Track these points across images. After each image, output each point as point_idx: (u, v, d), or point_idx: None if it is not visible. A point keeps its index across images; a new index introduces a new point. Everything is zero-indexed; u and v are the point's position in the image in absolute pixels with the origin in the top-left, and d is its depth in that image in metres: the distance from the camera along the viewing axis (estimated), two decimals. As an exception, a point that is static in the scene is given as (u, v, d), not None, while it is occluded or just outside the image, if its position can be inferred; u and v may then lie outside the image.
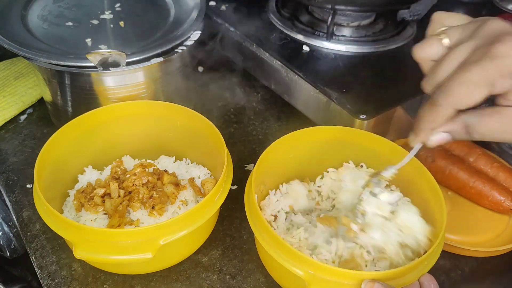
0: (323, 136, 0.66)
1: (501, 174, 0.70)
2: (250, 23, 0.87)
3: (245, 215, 0.70)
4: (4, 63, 0.91)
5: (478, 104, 0.44)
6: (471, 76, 0.43)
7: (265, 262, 0.62)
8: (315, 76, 0.76)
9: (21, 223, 0.69)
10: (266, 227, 0.53)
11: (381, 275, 0.48)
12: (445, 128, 0.47)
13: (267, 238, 0.53)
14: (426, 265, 0.52)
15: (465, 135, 0.47)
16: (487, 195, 0.69)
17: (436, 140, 0.48)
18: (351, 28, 0.84)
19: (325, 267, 0.49)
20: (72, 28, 0.75)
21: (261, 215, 0.54)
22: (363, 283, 0.48)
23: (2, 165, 0.77)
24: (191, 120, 0.68)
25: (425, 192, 0.60)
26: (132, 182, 0.64)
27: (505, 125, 0.45)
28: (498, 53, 0.42)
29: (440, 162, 0.70)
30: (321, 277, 0.49)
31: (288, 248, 0.51)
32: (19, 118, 0.85)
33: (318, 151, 0.67)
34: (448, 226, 0.66)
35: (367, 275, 0.48)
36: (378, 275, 0.48)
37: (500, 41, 0.42)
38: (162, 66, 0.73)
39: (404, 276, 0.50)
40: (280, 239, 0.51)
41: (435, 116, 0.46)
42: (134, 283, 0.61)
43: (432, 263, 0.53)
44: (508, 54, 0.42)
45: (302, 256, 0.50)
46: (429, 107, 0.46)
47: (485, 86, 0.43)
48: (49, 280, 0.61)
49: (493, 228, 0.68)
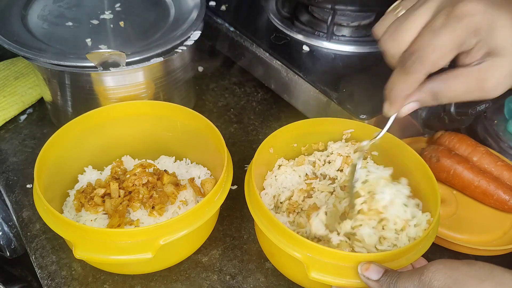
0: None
1: (505, 173, 0.71)
2: (250, 23, 0.88)
3: (245, 215, 0.70)
4: (4, 63, 0.91)
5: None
6: (443, 40, 0.44)
7: (265, 249, 0.62)
8: (315, 76, 0.76)
9: (21, 223, 0.69)
10: (266, 211, 0.54)
11: (376, 257, 0.49)
12: (414, 97, 0.49)
13: (265, 223, 0.54)
14: (420, 249, 0.53)
15: (433, 101, 0.49)
16: (492, 194, 0.69)
17: (407, 109, 0.50)
18: (351, 28, 0.84)
19: (322, 249, 0.50)
20: (72, 28, 0.75)
21: (260, 200, 0.55)
22: (359, 265, 0.49)
23: (2, 165, 0.77)
24: (191, 120, 0.68)
25: (420, 182, 0.61)
26: (132, 182, 0.64)
27: (470, 85, 0.47)
28: (463, 13, 0.43)
29: (445, 162, 0.71)
30: (319, 259, 0.50)
31: (286, 232, 0.52)
32: (19, 118, 0.85)
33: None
34: (453, 225, 0.67)
35: (363, 257, 0.50)
36: (373, 257, 0.49)
37: (462, 0, 0.44)
38: (162, 66, 0.73)
39: (398, 259, 0.51)
40: (279, 223, 0.52)
41: (409, 83, 0.47)
42: (134, 283, 0.61)
43: (426, 247, 0.54)
44: (472, 12, 0.43)
45: (300, 239, 0.51)
46: (402, 75, 0.47)
47: (455, 47, 0.44)
48: (49, 280, 0.61)
49: (498, 227, 0.68)
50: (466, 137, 0.75)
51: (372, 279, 0.48)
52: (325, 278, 0.50)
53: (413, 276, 0.44)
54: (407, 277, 0.45)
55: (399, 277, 0.46)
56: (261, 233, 0.56)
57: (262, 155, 0.63)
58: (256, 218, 0.56)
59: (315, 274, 0.50)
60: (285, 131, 0.65)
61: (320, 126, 0.68)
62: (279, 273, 0.63)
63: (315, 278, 0.50)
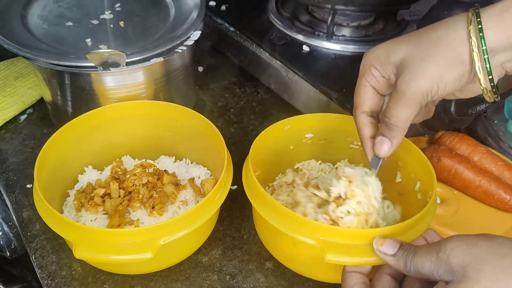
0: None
1: (506, 172, 0.71)
2: (250, 23, 0.88)
3: (245, 215, 0.70)
4: (4, 63, 0.91)
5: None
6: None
7: (268, 244, 0.62)
8: (315, 76, 0.76)
9: (21, 223, 0.69)
10: (271, 200, 0.53)
11: (388, 230, 0.50)
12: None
13: (273, 214, 0.53)
14: (425, 222, 0.54)
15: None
16: (493, 194, 0.69)
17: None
18: (351, 28, 0.84)
19: (335, 229, 0.50)
20: (72, 28, 0.75)
21: (262, 189, 0.54)
22: (374, 240, 0.49)
23: (2, 165, 0.77)
24: (191, 120, 0.68)
25: (414, 168, 0.63)
26: (132, 182, 0.64)
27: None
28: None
29: (446, 162, 0.71)
30: (333, 241, 0.50)
31: (297, 218, 0.51)
32: (19, 118, 0.85)
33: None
34: (454, 225, 0.67)
35: (376, 232, 0.50)
36: (385, 230, 0.50)
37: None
38: (162, 66, 0.73)
39: (407, 231, 0.52)
40: (288, 210, 0.52)
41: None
42: (134, 283, 0.61)
43: (430, 218, 0.55)
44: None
45: (312, 223, 0.50)
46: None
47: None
48: (49, 280, 0.61)
49: (499, 226, 0.68)
50: (466, 137, 0.75)
51: (389, 253, 0.48)
52: (340, 259, 0.50)
53: (431, 251, 0.44)
54: (424, 253, 0.44)
55: (416, 252, 0.45)
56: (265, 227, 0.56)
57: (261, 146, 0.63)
58: (260, 210, 0.55)
59: (331, 256, 0.50)
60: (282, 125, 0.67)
61: (321, 123, 0.68)
62: (279, 273, 0.63)
63: (331, 261, 0.49)
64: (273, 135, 0.66)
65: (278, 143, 0.68)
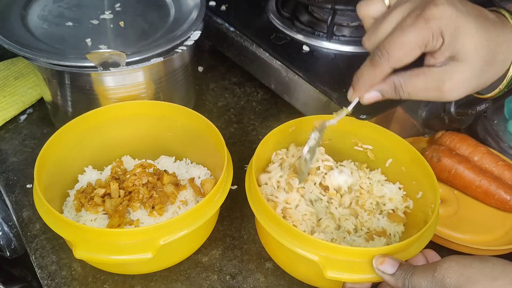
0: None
1: (507, 172, 0.71)
2: (250, 23, 0.87)
3: (245, 215, 0.70)
4: (4, 63, 0.91)
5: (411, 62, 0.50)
6: (408, 38, 0.48)
7: (269, 248, 0.63)
8: (315, 76, 0.76)
9: (21, 223, 0.69)
10: (275, 216, 0.54)
11: (388, 249, 0.51)
12: (377, 87, 0.53)
13: (276, 228, 0.54)
14: (425, 238, 0.55)
15: (394, 94, 0.52)
16: (493, 194, 0.69)
17: (369, 97, 0.54)
18: (351, 28, 0.84)
19: (336, 247, 0.51)
20: (72, 28, 0.75)
21: (265, 202, 0.55)
22: (374, 259, 0.50)
23: (2, 165, 0.77)
24: (191, 120, 0.68)
25: (418, 176, 0.63)
26: (132, 182, 0.64)
27: (428, 85, 0.50)
28: (431, 15, 0.47)
29: (446, 162, 0.71)
30: (333, 258, 0.51)
31: (299, 234, 0.52)
32: (19, 118, 0.85)
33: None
34: (454, 225, 0.68)
35: (376, 251, 0.50)
36: (385, 249, 0.51)
37: (433, 4, 0.47)
38: (162, 66, 0.73)
39: (408, 249, 0.53)
40: (290, 226, 0.53)
41: (374, 75, 0.51)
42: (134, 283, 0.61)
43: (430, 235, 0.56)
44: (440, 15, 0.46)
45: (313, 240, 0.51)
46: (369, 66, 0.52)
47: (420, 47, 0.48)
48: (49, 280, 0.61)
49: (499, 226, 0.68)
50: (467, 137, 0.75)
51: (388, 273, 0.48)
52: (341, 276, 0.51)
53: (427, 272, 0.45)
54: (420, 273, 0.45)
55: (413, 272, 0.46)
56: (266, 234, 0.56)
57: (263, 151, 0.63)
58: (262, 222, 0.55)
59: (331, 273, 0.50)
60: (285, 128, 0.66)
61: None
62: (279, 273, 0.63)
63: (331, 277, 0.50)
64: (277, 137, 0.66)
65: (283, 143, 0.68)
